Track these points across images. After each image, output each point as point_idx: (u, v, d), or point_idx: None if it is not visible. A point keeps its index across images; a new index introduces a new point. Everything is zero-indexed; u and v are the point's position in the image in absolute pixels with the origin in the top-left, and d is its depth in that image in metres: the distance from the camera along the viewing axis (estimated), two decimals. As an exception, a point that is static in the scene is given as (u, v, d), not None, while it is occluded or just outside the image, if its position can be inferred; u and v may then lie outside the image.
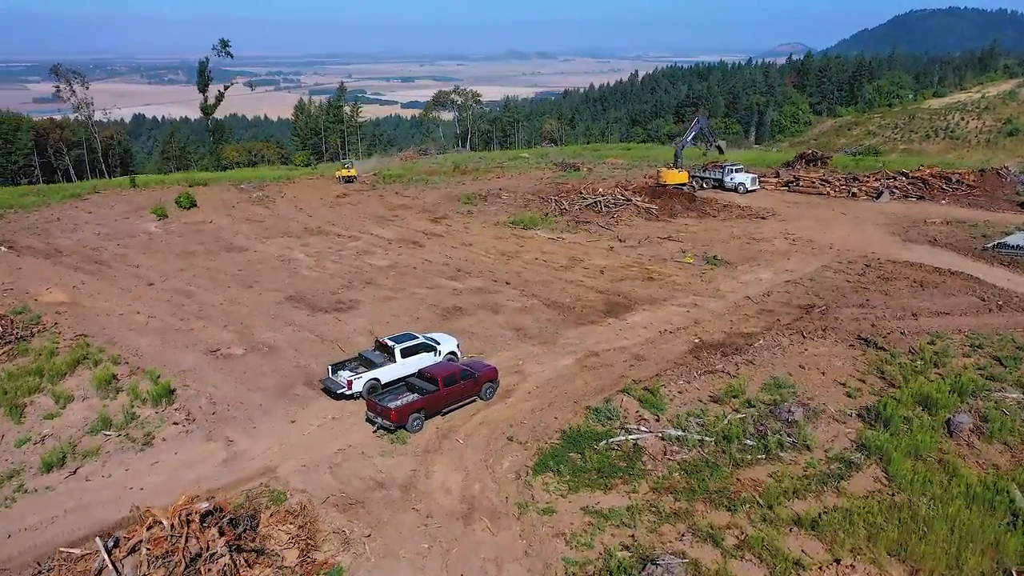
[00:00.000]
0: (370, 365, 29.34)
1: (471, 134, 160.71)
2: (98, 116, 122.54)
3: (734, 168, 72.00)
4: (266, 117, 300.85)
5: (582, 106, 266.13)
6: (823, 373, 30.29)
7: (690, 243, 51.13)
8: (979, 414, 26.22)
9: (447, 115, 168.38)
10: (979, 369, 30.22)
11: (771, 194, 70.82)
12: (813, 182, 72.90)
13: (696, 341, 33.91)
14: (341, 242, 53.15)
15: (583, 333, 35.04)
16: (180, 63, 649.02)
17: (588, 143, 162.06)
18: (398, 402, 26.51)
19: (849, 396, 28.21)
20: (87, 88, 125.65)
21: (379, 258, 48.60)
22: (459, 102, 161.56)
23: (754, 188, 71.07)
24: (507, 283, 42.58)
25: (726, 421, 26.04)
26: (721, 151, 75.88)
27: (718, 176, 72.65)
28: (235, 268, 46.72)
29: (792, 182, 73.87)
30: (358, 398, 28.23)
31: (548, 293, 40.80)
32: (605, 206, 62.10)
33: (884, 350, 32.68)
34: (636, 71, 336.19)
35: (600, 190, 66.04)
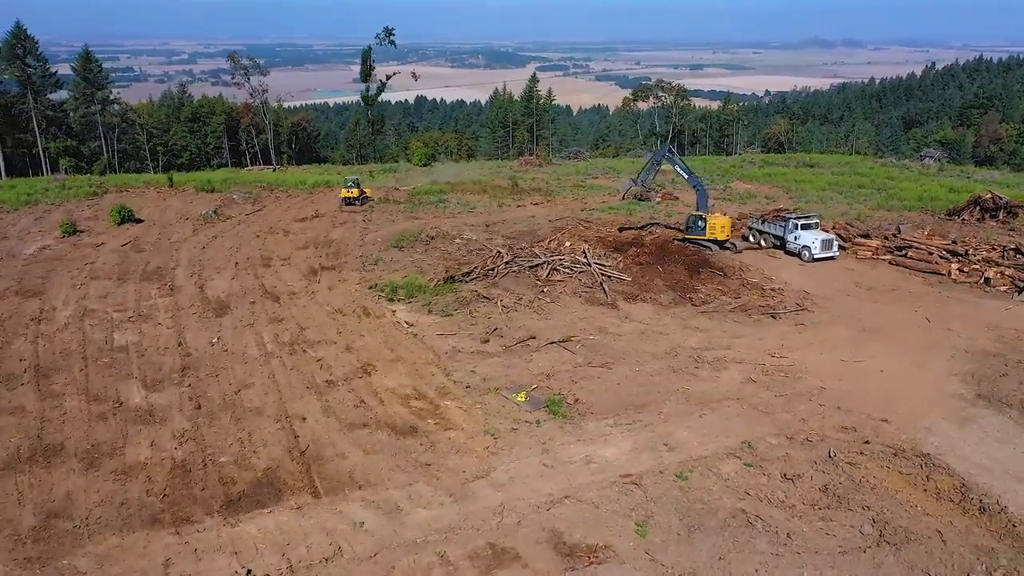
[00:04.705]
0: None
1: (676, 133, 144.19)
2: (286, 103, 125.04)
3: (799, 223, 51.25)
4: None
5: (855, 103, 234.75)
6: None
7: (583, 358, 33.89)
8: None
9: (645, 105, 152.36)
10: None
11: (856, 265, 49.76)
12: (931, 252, 49.86)
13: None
14: (147, 296, 42.71)
15: (104, 558, 20.98)
16: (483, 48, 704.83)
17: (827, 150, 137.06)
18: None
19: None
20: (265, 75, 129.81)
21: (135, 331, 37.28)
22: (664, 97, 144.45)
23: (827, 255, 50.18)
24: (198, 407, 29.32)
25: None
26: (638, 184, 57.61)
27: (779, 232, 52.46)
28: (-40, 328, 38.06)
29: (902, 249, 51.27)
30: None
31: (223, 438, 26.99)
32: (554, 269, 45.60)
33: None
34: (932, 63, 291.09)
35: (568, 244, 49.30)
